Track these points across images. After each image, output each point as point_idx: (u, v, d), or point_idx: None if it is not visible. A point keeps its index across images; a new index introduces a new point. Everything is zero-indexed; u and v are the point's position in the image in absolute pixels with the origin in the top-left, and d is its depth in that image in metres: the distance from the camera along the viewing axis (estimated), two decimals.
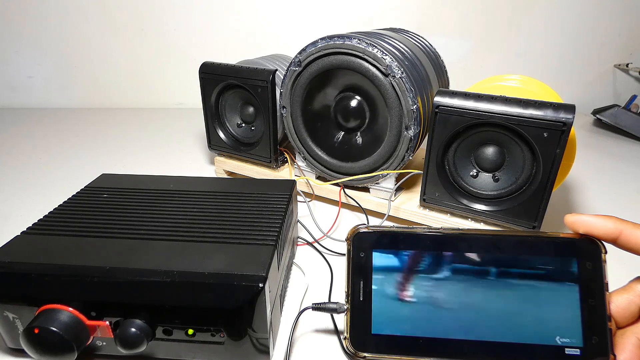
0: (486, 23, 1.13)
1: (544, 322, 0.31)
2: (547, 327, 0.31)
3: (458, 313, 0.32)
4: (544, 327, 0.31)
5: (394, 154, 0.53)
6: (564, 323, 0.30)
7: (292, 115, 0.59)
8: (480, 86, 0.56)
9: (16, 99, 1.16)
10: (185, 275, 0.32)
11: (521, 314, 0.31)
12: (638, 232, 0.29)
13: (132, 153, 0.84)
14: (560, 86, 0.90)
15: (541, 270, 0.31)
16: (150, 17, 1.09)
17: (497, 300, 0.32)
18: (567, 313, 0.30)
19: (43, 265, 0.33)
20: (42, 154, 0.82)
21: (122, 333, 0.31)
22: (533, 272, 0.32)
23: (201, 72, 0.64)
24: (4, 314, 0.33)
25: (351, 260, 0.34)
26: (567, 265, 0.31)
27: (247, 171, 0.68)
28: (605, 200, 0.67)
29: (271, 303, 0.33)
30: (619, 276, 0.33)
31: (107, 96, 1.18)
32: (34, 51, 1.12)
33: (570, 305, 0.31)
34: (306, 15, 1.10)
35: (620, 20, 1.13)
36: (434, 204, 0.52)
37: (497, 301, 0.32)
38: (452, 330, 0.32)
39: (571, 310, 0.30)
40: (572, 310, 0.30)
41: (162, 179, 0.49)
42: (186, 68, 1.13)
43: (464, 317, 0.32)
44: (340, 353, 0.36)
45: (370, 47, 0.50)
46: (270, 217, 0.41)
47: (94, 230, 0.38)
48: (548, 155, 0.43)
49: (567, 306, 0.31)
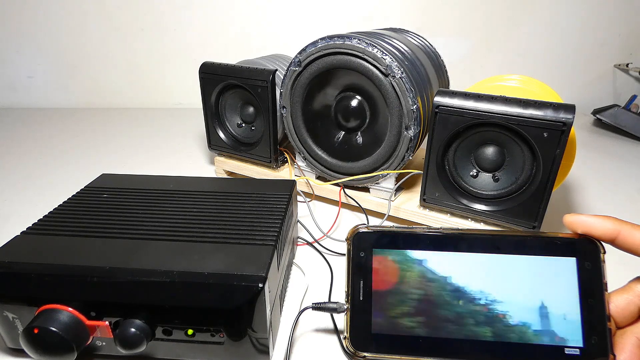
0: (486, 23, 1.13)
1: (543, 322, 0.31)
2: (546, 327, 0.31)
3: (458, 313, 0.32)
4: (544, 327, 0.31)
5: (394, 154, 0.53)
6: (563, 323, 0.30)
7: (292, 115, 0.59)
8: (480, 86, 0.56)
9: (16, 99, 1.16)
10: (185, 275, 0.32)
11: (520, 313, 0.31)
12: (636, 233, 0.29)
13: (132, 153, 0.84)
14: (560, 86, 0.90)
15: (540, 270, 0.31)
16: (150, 17, 1.09)
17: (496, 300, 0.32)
18: (566, 313, 0.30)
19: (43, 265, 0.33)
20: (42, 154, 0.82)
21: (121, 333, 0.31)
22: (532, 272, 0.32)
23: (201, 72, 0.64)
24: (3, 314, 0.33)
25: (351, 260, 0.34)
26: (567, 266, 0.31)
27: (247, 171, 0.68)
28: (605, 200, 0.67)
29: (271, 303, 0.33)
30: (619, 276, 0.33)
31: (107, 96, 1.18)
32: (34, 51, 1.12)
33: (570, 305, 0.31)
34: (306, 15, 1.10)
35: (620, 20, 1.13)
36: (434, 204, 0.52)
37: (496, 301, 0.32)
38: (452, 330, 0.32)
39: (570, 310, 0.30)
40: (572, 310, 0.30)
41: (162, 179, 0.49)
42: (186, 68, 1.13)
43: (463, 317, 0.32)
44: (340, 353, 0.36)
45: (370, 47, 0.50)
46: (270, 217, 0.41)
47: (94, 230, 0.38)
48: (548, 155, 0.43)
49: (566, 306, 0.31)
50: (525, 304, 0.31)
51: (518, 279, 0.32)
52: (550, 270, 0.31)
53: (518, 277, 0.32)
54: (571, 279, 0.31)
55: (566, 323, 0.30)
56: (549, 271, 0.31)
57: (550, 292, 0.31)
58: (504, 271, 0.32)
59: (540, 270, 0.31)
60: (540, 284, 0.31)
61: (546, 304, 0.31)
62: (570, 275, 0.31)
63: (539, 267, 0.32)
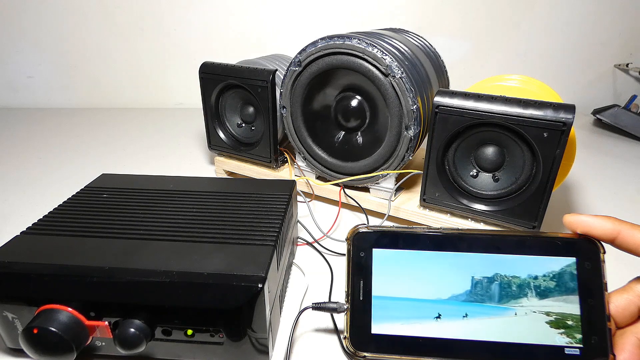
0: (486, 23, 1.13)
1: (543, 322, 0.31)
2: (546, 327, 0.31)
3: (458, 312, 0.32)
4: (544, 327, 0.31)
5: (394, 154, 0.53)
6: (563, 323, 0.30)
7: (292, 115, 0.59)
8: (480, 86, 0.56)
9: (16, 99, 1.16)
10: (184, 275, 0.32)
11: (520, 313, 0.31)
12: (636, 233, 0.29)
13: (132, 153, 0.84)
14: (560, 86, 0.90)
15: (540, 270, 0.31)
16: (150, 17, 1.09)
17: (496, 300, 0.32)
18: (566, 313, 0.30)
19: (42, 265, 0.33)
20: (42, 154, 0.82)
21: (121, 333, 0.31)
22: (532, 272, 0.32)
23: (201, 72, 0.64)
24: (3, 314, 0.33)
25: (351, 260, 0.34)
26: (566, 266, 0.31)
27: (247, 171, 0.68)
28: (605, 200, 0.67)
29: (271, 303, 0.33)
30: (619, 276, 0.33)
31: (107, 96, 1.18)
32: (34, 51, 1.12)
33: (570, 305, 0.31)
34: (306, 15, 1.10)
35: (620, 20, 1.13)
36: (434, 204, 0.52)
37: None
38: (452, 330, 0.32)
39: (570, 310, 0.30)
40: (572, 310, 0.30)
41: (162, 179, 0.49)
42: (186, 68, 1.13)
43: (463, 317, 0.32)
44: (340, 353, 0.36)
45: (370, 47, 0.50)
46: (269, 217, 0.41)
47: (93, 230, 0.38)
48: (548, 156, 0.43)
49: (566, 306, 0.31)
50: (525, 303, 0.31)
51: (518, 279, 0.32)
52: (550, 270, 0.31)
53: (518, 277, 0.32)
54: (571, 279, 0.31)
55: (566, 323, 0.30)
56: (549, 271, 0.31)
57: (550, 292, 0.31)
58: (503, 271, 0.32)
59: (540, 270, 0.31)
60: (539, 284, 0.31)
61: (546, 304, 0.31)
62: (570, 275, 0.31)
63: (539, 267, 0.32)
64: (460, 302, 0.32)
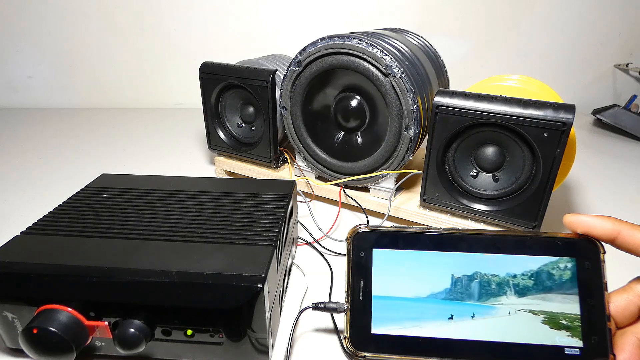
0: (486, 23, 1.13)
1: (543, 322, 0.31)
2: (546, 327, 0.31)
3: (457, 313, 0.32)
4: (544, 327, 0.31)
5: (394, 154, 0.53)
6: (563, 323, 0.30)
7: (292, 115, 0.59)
8: (480, 86, 0.56)
9: (16, 99, 1.16)
10: (184, 275, 0.32)
11: (520, 313, 0.31)
12: (636, 233, 0.29)
13: (132, 153, 0.84)
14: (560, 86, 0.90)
15: (540, 270, 0.31)
16: (150, 17, 1.09)
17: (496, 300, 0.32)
18: (566, 313, 0.30)
19: (42, 265, 0.33)
20: (42, 154, 0.82)
21: (121, 333, 0.31)
22: (532, 272, 0.32)
23: (201, 72, 0.64)
24: (3, 314, 0.33)
25: (351, 260, 0.34)
26: (566, 266, 0.31)
27: (247, 171, 0.68)
28: (605, 200, 0.67)
29: (270, 303, 0.33)
30: (619, 276, 0.33)
31: (107, 96, 1.18)
32: (34, 51, 1.12)
33: (570, 305, 0.31)
34: (306, 15, 1.10)
35: (620, 20, 1.13)
36: (434, 204, 0.52)
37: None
38: (452, 330, 0.32)
39: (570, 310, 0.30)
40: (572, 310, 0.30)
41: (162, 179, 0.49)
42: (186, 68, 1.13)
43: (463, 317, 0.32)
44: (340, 353, 0.36)
45: (370, 47, 0.50)
46: (269, 217, 0.41)
47: (93, 230, 0.38)
48: (548, 155, 0.43)
49: (566, 306, 0.31)
50: (525, 304, 0.31)
51: (517, 279, 0.32)
52: (550, 270, 0.31)
53: (517, 277, 0.32)
54: (571, 279, 0.31)
55: (566, 323, 0.30)
56: (549, 271, 0.31)
57: (550, 292, 0.31)
58: (503, 271, 0.32)
59: (540, 270, 0.31)
60: (539, 284, 0.31)
61: (546, 304, 0.31)
62: (570, 275, 0.31)
63: (539, 267, 0.32)
64: (459, 302, 0.32)
